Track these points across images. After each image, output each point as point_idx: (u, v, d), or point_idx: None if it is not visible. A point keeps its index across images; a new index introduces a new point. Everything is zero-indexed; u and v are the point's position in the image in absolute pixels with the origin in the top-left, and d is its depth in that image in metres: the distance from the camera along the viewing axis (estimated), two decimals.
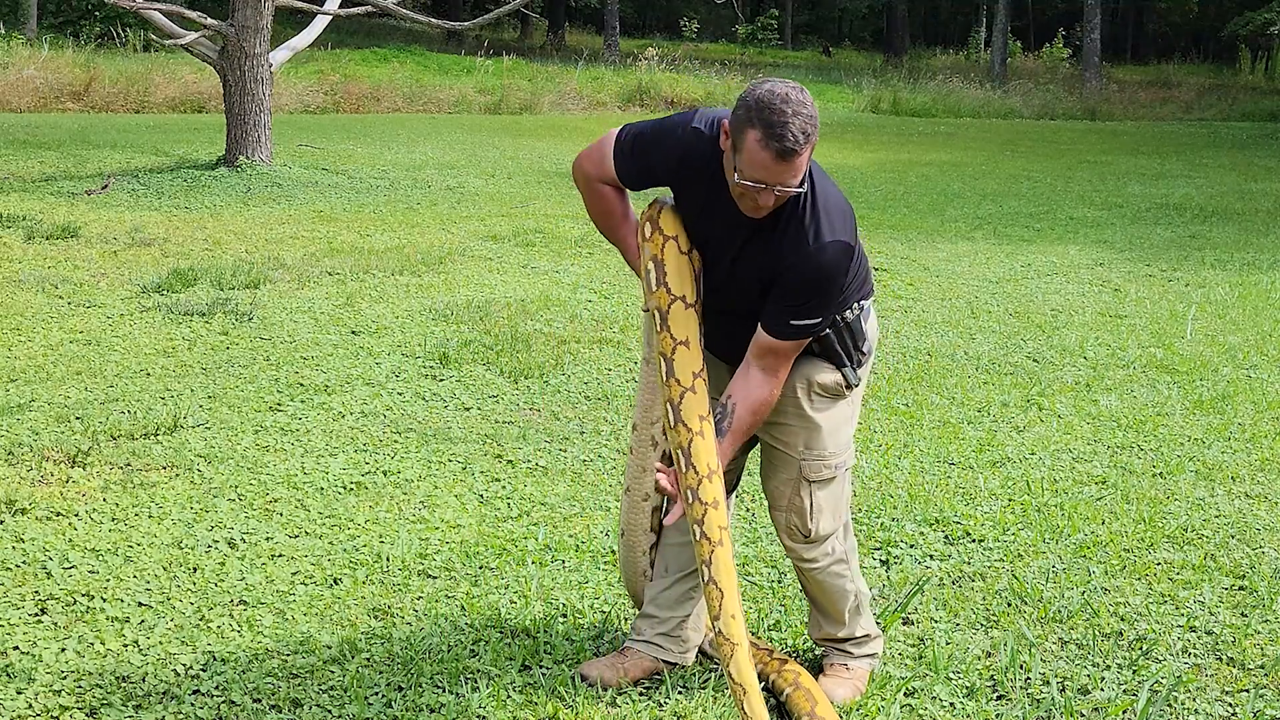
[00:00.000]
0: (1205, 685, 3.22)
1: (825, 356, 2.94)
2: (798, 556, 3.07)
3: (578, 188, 3.03)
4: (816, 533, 3.01)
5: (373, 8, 12.56)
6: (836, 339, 2.91)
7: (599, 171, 2.95)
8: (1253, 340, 6.86)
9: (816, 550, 3.04)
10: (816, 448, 2.96)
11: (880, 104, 24.23)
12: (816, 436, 2.96)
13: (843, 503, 3.06)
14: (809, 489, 2.98)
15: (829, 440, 2.96)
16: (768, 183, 2.66)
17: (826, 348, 2.92)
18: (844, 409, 3.00)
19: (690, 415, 2.80)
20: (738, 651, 2.69)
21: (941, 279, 8.30)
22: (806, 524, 3.00)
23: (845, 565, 3.10)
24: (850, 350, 2.94)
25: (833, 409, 2.97)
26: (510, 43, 31.46)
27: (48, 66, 17.82)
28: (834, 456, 2.98)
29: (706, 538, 2.78)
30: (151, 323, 6.36)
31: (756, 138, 2.63)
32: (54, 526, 3.88)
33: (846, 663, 3.15)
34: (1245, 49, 33.89)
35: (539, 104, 20.45)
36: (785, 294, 2.79)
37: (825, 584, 3.08)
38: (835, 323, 2.91)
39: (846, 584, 3.10)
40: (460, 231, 9.32)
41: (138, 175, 11.05)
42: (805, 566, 3.07)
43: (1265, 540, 4.16)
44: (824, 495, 2.99)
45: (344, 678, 3.08)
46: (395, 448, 4.74)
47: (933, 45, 40.74)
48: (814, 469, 2.97)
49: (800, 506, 2.99)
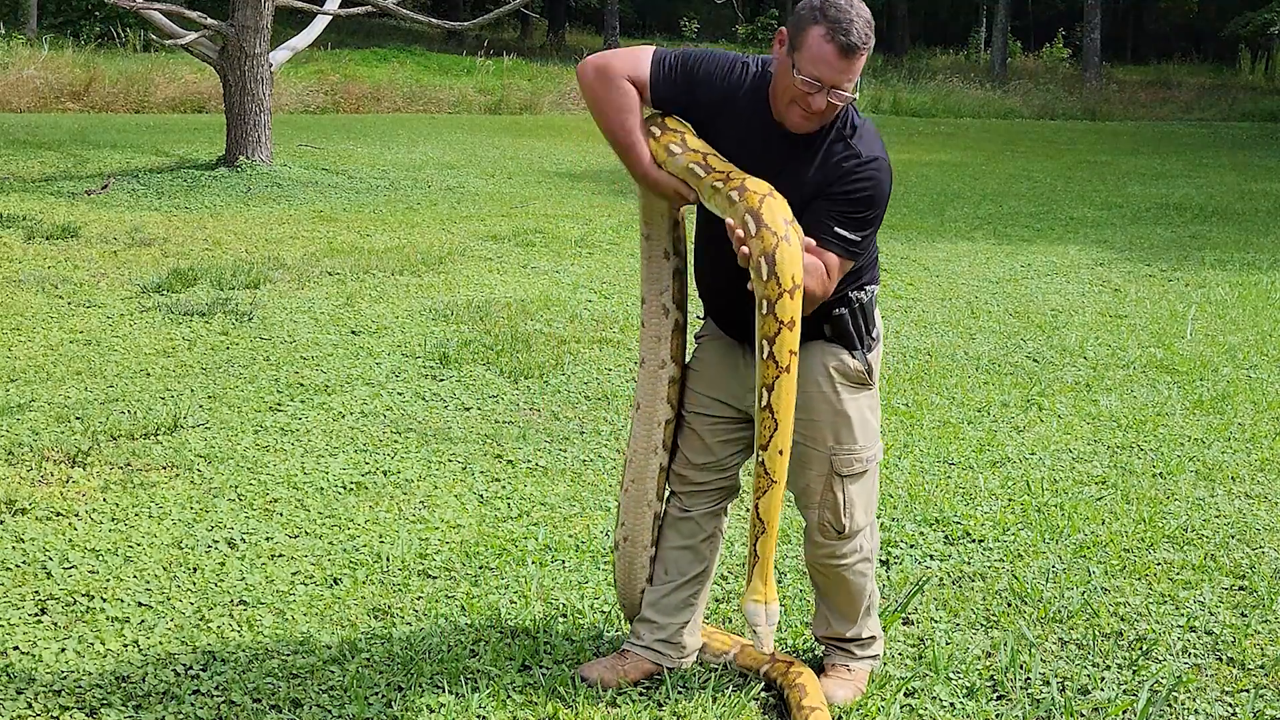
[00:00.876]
0: (1205, 685, 3.22)
1: (839, 339, 2.93)
2: (829, 554, 3.03)
3: (590, 89, 2.83)
4: (851, 528, 3.00)
5: (373, 8, 12.56)
6: (850, 320, 2.91)
7: (631, 70, 2.81)
8: (1253, 340, 6.86)
9: (849, 546, 3.02)
10: (847, 441, 2.95)
11: (880, 104, 24.22)
12: (846, 429, 2.95)
13: (874, 497, 3.06)
14: (841, 484, 2.96)
15: (859, 432, 2.96)
16: (825, 82, 2.68)
17: (840, 329, 2.92)
18: (868, 400, 2.99)
19: (775, 220, 2.69)
20: (774, 490, 2.76)
21: (941, 279, 8.30)
22: (841, 519, 2.98)
23: (869, 564, 3.09)
24: (863, 333, 2.94)
25: (859, 399, 2.96)
26: (510, 43, 31.45)
27: (48, 66, 17.83)
28: (864, 450, 2.97)
29: (775, 360, 2.71)
30: (151, 323, 6.36)
31: (821, 33, 2.66)
32: (54, 526, 3.88)
33: (848, 664, 3.15)
34: (1245, 49, 33.90)
35: (539, 104, 20.45)
36: (832, 204, 2.78)
37: (850, 582, 3.07)
38: (849, 302, 2.91)
39: (868, 583, 3.10)
40: (460, 231, 9.32)
41: (138, 175, 11.05)
42: (834, 564, 3.04)
43: (1265, 540, 4.16)
44: (856, 489, 2.98)
45: (344, 678, 3.08)
46: (395, 448, 4.74)
47: (933, 45, 40.73)
48: (845, 463, 2.96)
49: (834, 502, 2.97)
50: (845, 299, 2.91)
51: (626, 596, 3.19)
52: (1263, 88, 29.91)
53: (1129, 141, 19.71)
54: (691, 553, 3.12)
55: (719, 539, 3.17)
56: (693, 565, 3.12)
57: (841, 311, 2.91)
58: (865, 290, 2.94)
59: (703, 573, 3.14)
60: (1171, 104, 26.55)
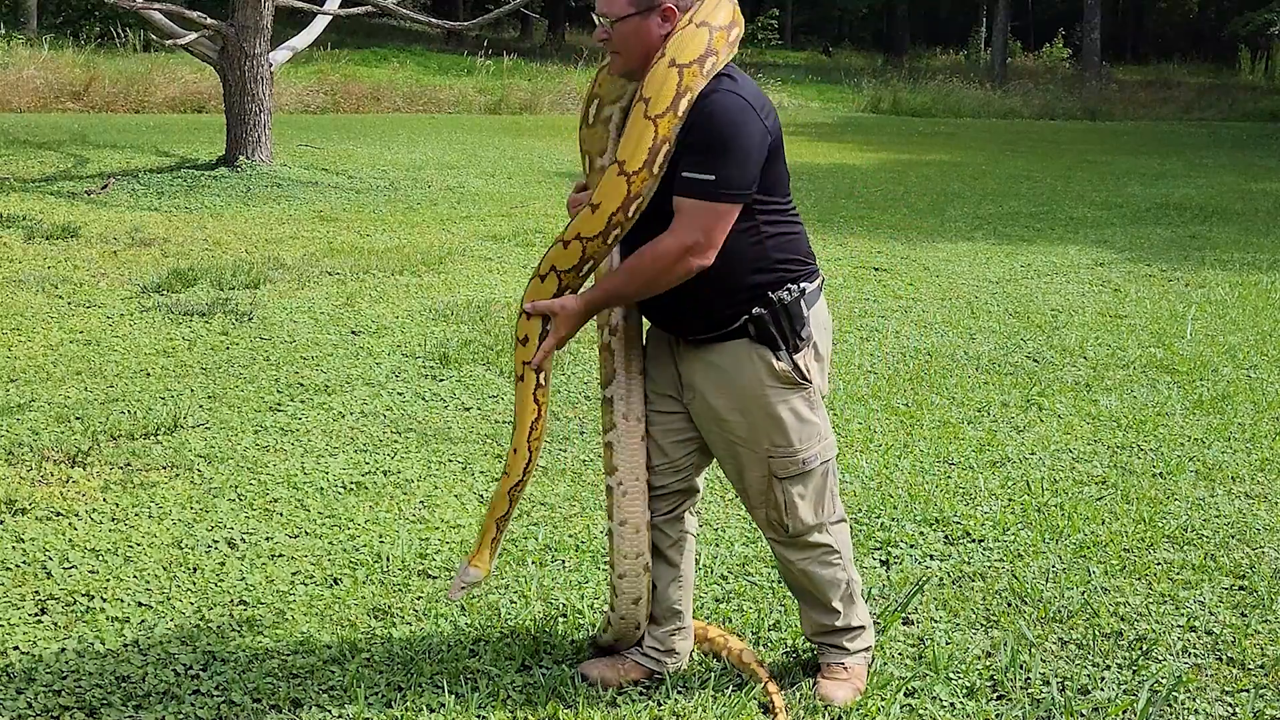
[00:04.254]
0: (1205, 685, 3.22)
1: (761, 339, 2.88)
2: (782, 553, 3.06)
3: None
4: (795, 528, 2.99)
5: (373, 8, 12.56)
6: (771, 320, 2.86)
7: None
8: (1253, 340, 6.86)
9: (798, 544, 3.02)
10: (781, 443, 2.92)
11: (880, 104, 24.24)
12: (779, 431, 2.91)
13: (825, 496, 3.02)
14: (780, 485, 2.95)
15: (793, 434, 2.92)
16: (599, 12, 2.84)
17: (761, 329, 2.87)
18: (802, 400, 2.93)
19: None
20: (503, 479, 2.96)
21: (941, 279, 8.30)
22: (784, 519, 2.98)
23: (837, 555, 3.07)
24: (787, 334, 2.88)
25: (790, 400, 2.91)
26: (510, 43, 31.45)
27: (48, 66, 17.83)
28: (801, 451, 2.93)
29: None
30: (151, 323, 6.36)
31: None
32: (54, 526, 3.88)
33: (844, 661, 3.13)
34: (1245, 49, 33.91)
35: (539, 104, 20.45)
36: (679, 153, 2.76)
37: (813, 574, 3.06)
38: (770, 302, 2.86)
39: (838, 572, 3.08)
40: (460, 231, 9.32)
41: (138, 175, 11.05)
42: (791, 561, 3.05)
43: (1265, 540, 4.16)
44: (798, 490, 2.97)
45: (344, 678, 3.08)
46: (395, 448, 4.74)
47: (933, 45, 40.75)
48: (781, 465, 2.94)
49: (775, 502, 2.97)
50: (765, 298, 2.86)
51: (632, 620, 3.14)
52: (1263, 88, 29.93)
53: (1129, 141, 19.72)
54: (662, 559, 3.11)
55: (686, 543, 3.14)
56: (667, 570, 3.11)
57: (761, 311, 2.86)
58: (788, 289, 2.88)
59: (678, 578, 3.13)
60: (1171, 104, 26.56)
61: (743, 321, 2.88)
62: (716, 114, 2.74)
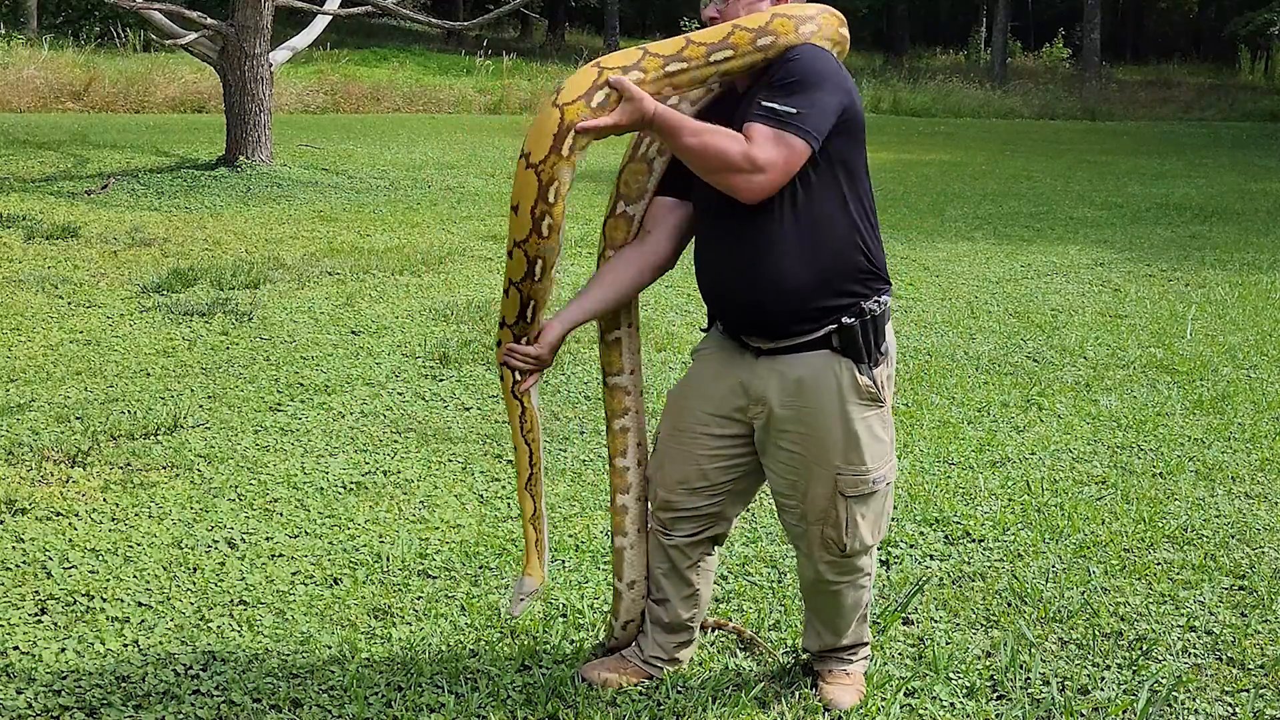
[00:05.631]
0: (1205, 685, 3.22)
1: (846, 351, 2.80)
2: (828, 571, 2.96)
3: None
4: (853, 547, 2.91)
5: (373, 8, 12.56)
6: (860, 331, 2.79)
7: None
8: (1253, 340, 6.86)
9: (849, 565, 2.95)
10: (855, 461, 2.84)
11: (880, 104, 24.23)
12: (854, 449, 2.83)
13: (883, 520, 2.96)
14: (846, 503, 2.87)
15: (867, 453, 2.84)
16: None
17: (848, 340, 2.79)
18: (878, 419, 2.87)
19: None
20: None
21: (941, 279, 8.30)
22: (842, 538, 2.89)
23: (869, 578, 3.03)
24: (872, 347, 2.82)
25: (869, 419, 2.84)
26: (510, 42, 31.46)
27: (48, 66, 17.84)
28: (872, 471, 2.86)
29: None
30: (151, 323, 6.36)
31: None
32: (54, 526, 3.88)
33: (845, 668, 3.13)
34: (1245, 49, 33.92)
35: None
36: (761, 89, 2.73)
37: (844, 596, 3.01)
38: (861, 311, 2.79)
39: (865, 595, 3.05)
40: (460, 231, 9.32)
41: (138, 175, 11.05)
42: (832, 581, 2.97)
43: (1265, 540, 4.16)
44: (863, 509, 2.89)
45: (344, 678, 3.08)
46: (395, 448, 4.74)
47: (933, 45, 40.75)
48: (851, 483, 2.85)
49: (837, 519, 2.88)
50: (857, 308, 2.79)
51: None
52: (1263, 88, 29.94)
53: (1129, 141, 19.72)
54: (678, 576, 3.09)
55: (705, 565, 3.11)
56: (682, 588, 3.10)
57: (851, 322, 2.78)
58: (878, 301, 2.82)
59: (693, 594, 3.11)
60: (1171, 104, 26.58)
61: (828, 331, 2.79)
62: (805, 58, 2.71)
